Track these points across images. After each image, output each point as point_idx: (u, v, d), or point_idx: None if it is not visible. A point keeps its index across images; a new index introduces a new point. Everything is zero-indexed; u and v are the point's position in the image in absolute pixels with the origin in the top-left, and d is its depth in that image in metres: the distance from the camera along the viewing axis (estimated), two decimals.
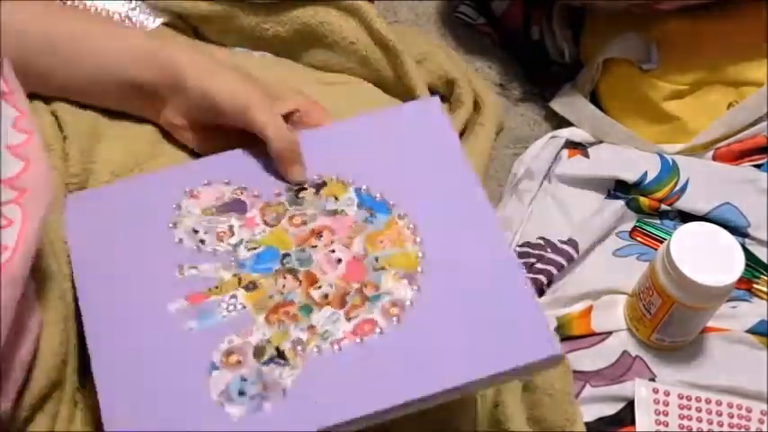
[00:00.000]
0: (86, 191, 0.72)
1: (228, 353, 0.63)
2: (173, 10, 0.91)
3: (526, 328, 0.64)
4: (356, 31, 0.92)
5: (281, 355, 0.63)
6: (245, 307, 0.66)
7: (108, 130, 0.75)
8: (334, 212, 0.70)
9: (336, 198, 0.71)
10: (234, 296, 0.66)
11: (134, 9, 0.90)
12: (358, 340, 0.64)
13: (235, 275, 0.67)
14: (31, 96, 0.72)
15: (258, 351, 0.64)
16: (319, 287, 0.66)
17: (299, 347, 0.64)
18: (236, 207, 0.71)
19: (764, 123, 1.02)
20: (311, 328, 0.65)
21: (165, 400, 0.62)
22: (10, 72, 0.58)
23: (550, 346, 0.63)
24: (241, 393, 0.62)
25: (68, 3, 0.87)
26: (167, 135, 0.76)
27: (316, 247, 0.68)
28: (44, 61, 0.71)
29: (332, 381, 0.62)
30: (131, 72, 0.71)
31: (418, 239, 0.69)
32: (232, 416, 0.61)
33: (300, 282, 0.67)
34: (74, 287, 0.66)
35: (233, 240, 0.69)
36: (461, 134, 1.04)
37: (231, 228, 0.70)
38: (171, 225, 0.69)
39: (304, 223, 0.70)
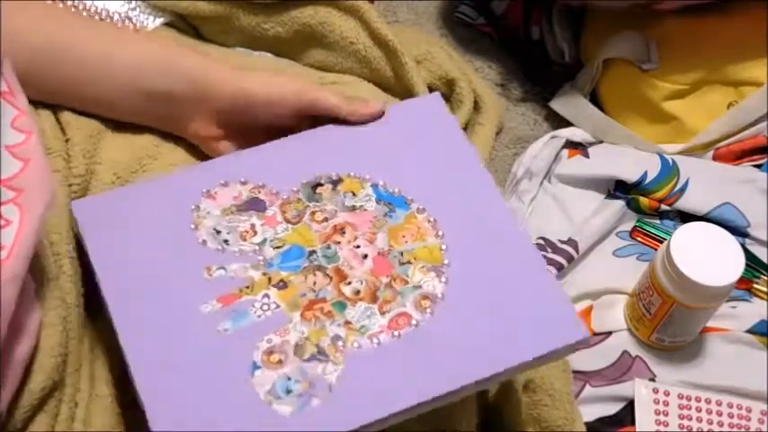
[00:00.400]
0: (96, 196, 0.71)
1: (269, 352, 0.64)
2: (173, 10, 0.91)
3: (554, 314, 0.67)
4: (356, 31, 0.92)
5: (321, 351, 0.64)
6: (278, 306, 0.66)
7: (110, 132, 0.75)
8: (354, 208, 0.71)
9: (354, 194, 0.71)
10: (266, 295, 0.67)
11: (134, 9, 0.90)
12: (396, 333, 0.65)
13: (264, 274, 0.68)
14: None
15: (298, 349, 0.64)
16: (349, 283, 0.67)
17: (339, 343, 0.64)
18: (256, 205, 0.71)
19: (764, 123, 1.02)
20: (347, 323, 0.65)
21: (211, 402, 0.62)
22: (9, 71, 0.58)
23: (579, 330, 0.66)
24: (288, 391, 0.62)
25: (69, 3, 0.87)
26: (169, 135, 0.76)
27: (340, 243, 0.69)
28: (58, 74, 0.70)
29: (376, 374, 0.63)
30: (150, 82, 0.71)
31: (440, 233, 0.70)
32: (282, 414, 0.62)
33: (331, 278, 0.67)
34: (79, 290, 0.67)
35: (257, 239, 0.69)
36: None
37: (253, 226, 0.70)
38: (192, 227, 0.69)
39: (325, 220, 0.70)
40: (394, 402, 0.62)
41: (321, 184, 0.72)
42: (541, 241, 0.97)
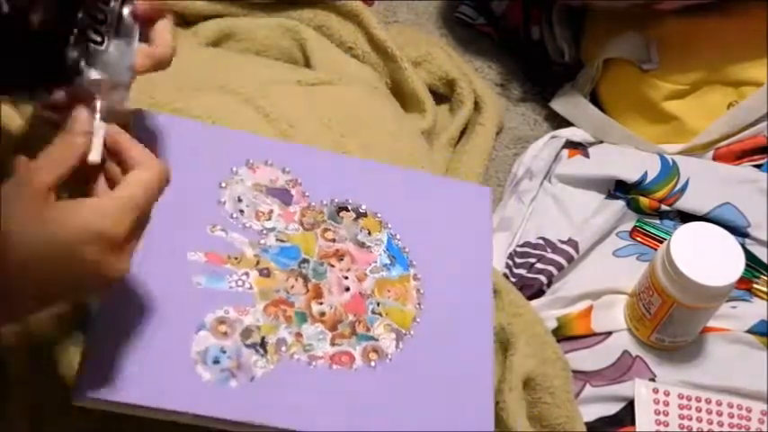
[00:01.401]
0: (162, 115, 0.73)
1: (221, 321, 0.67)
2: (173, 10, 0.91)
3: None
4: (354, 35, 0.93)
5: (263, 345, 0.67)
6: (251, 288, 0.69)
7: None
8: (362, 245, 0.74)
9: (370, 233, 0.75)
10: (246, 274, 0.69)
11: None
12: (333, 367, 0.69)
13: (256, 256, 0.70)
14: None
15: (246, 332, 0.67)
16: (321, 303, 0.70)
17: (282, 348, 0.67)
18: (283, 196, 0.74)
19: (764, 123, 1.02)
20: (298, 335, 0.69)
21: (150, 339, 0.65)
22: None
23: None
24: (216, 362, 0.65)
25: None
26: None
27: (333, 267, 0.72)
28: None
29: (295, 390, 0.67)
30: None
31: (421, 305, 0.74)
32: (200, 376, 0.65)
33: (308, 291, 0.70)
34: None
35: (268, 224, 0.72)
36: (462, 134, 1.04)
37: (271, 212, 0.73)
38: (222, 185, 0.72)
39: (333, 241, 0.74)
40: (294, 421, 0.65)
41: (347, 210, 0.75)
42: (541, 241, 0.97)
